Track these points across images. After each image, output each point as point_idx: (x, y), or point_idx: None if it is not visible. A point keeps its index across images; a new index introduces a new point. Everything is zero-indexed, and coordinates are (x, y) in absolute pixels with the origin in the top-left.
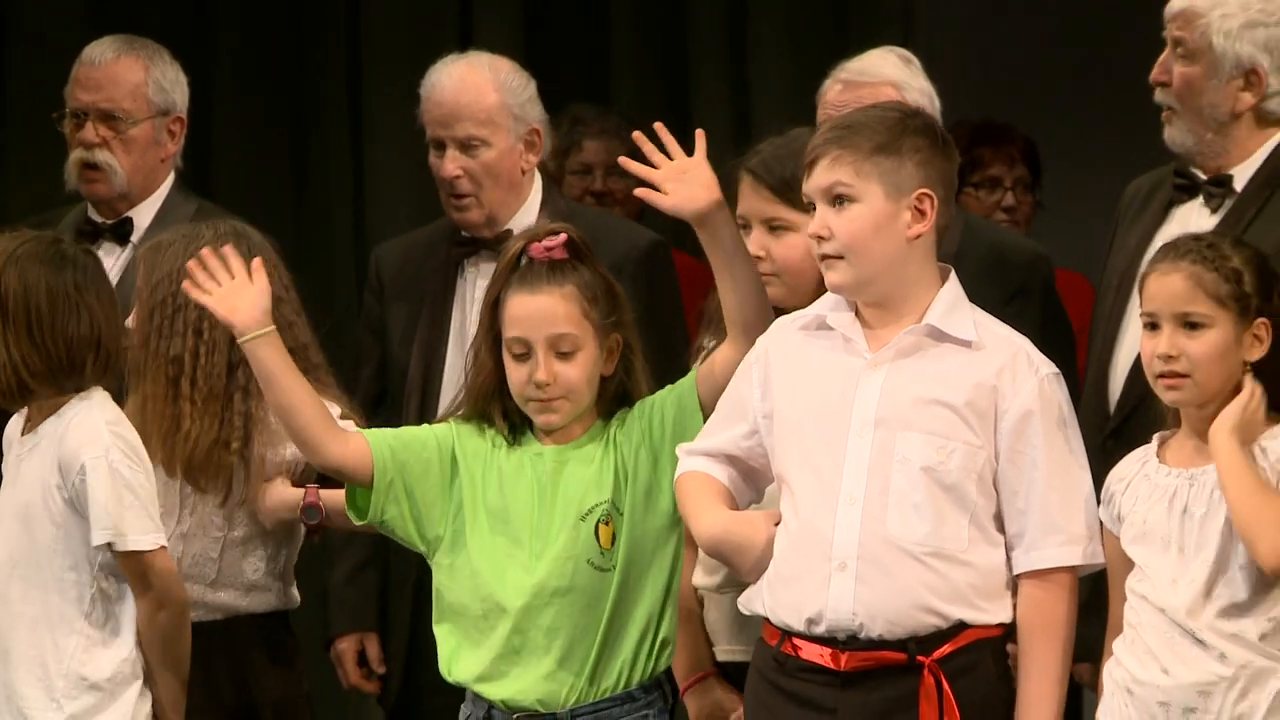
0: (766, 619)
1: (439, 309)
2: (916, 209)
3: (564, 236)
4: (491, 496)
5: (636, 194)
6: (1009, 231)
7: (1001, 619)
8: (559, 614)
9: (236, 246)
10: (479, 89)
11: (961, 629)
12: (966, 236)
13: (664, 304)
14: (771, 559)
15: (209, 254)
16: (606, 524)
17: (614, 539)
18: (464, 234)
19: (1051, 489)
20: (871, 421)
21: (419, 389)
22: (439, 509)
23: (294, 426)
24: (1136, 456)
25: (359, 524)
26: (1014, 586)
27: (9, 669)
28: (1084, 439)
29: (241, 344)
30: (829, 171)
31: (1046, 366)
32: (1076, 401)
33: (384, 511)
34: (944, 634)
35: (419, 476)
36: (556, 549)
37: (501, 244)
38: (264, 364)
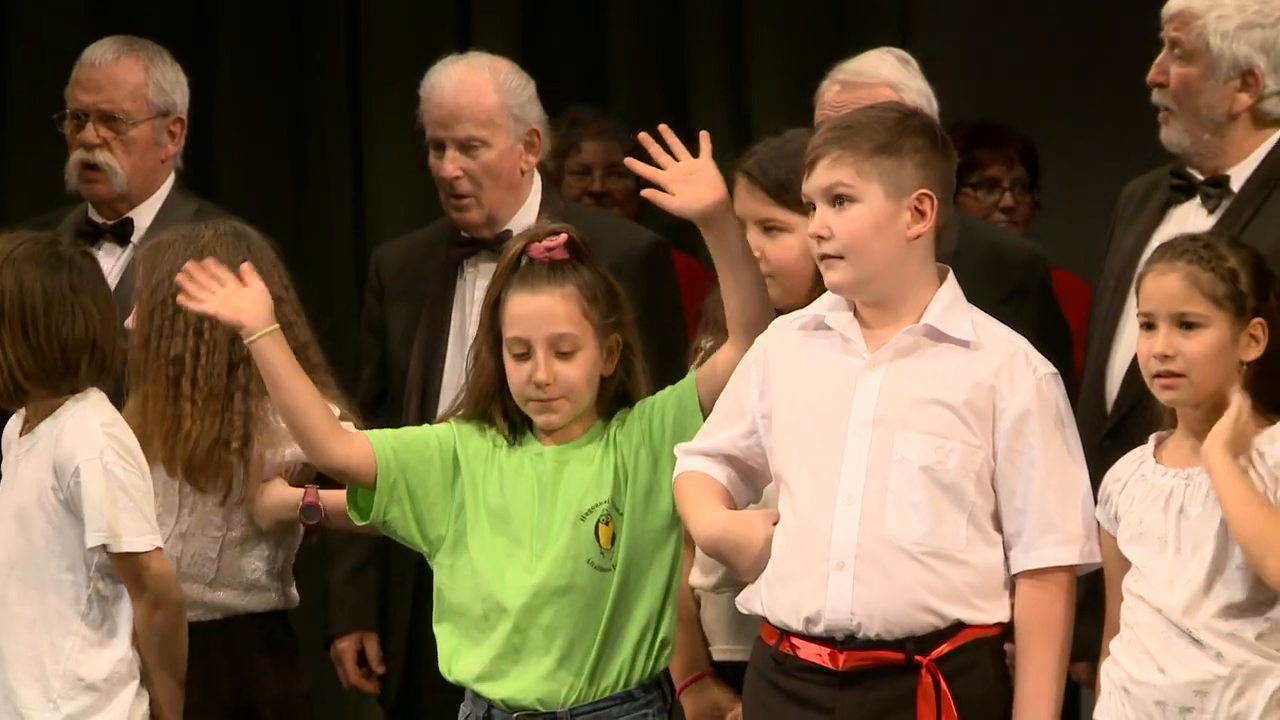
0: (765, 618)
1: (439, 309)
2: (916, 209)
3: (564, 237)
4: (492, 496)
5: (643, 195)
6: (1006, 232)
7: (999, 618)
8: (559, 613)
9: (236, 246)
10: (479, 90)
11: (959, 628)
12: (964, 237)
13: (664, 304)
14: (770, 558)
15: (194, 267)
16: (606, 524)
17: (614, 539)
18: (464, 234)
19: (1049, 488)
20: (870, 421)
21: (419, 389)
22: (441, 509)
23: (299, 426)
24: (1133, 457)
25: (360, 524)
26: (1012, 586)
27: (6, 669)
28: (1081, 439)
29: (249, 343)
30: (829, 171)
31: (1044, 366)
32: (1074, 401)
33: (386, 512)
34: (942, 633)
35: (421, 477)
36: (557, 549)
37: (501, 244)
38: (271, 363)
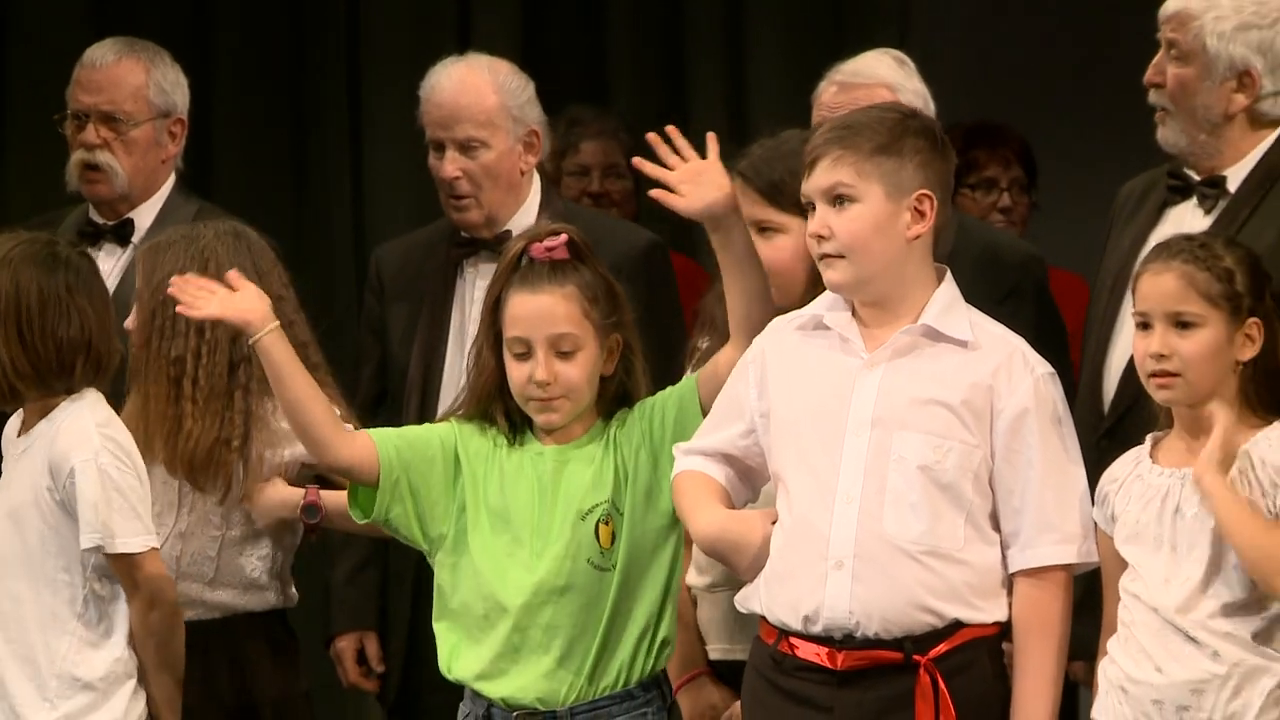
0: (763, 617)
1: (439, 309)
2: (916, 209)
3: (565, 237)
4: (493, 496)
5: (651, 195)
6: (1003, 232)
7: (997, 618)
8: (559, 613)
9: (236, 246)
10: (478, 91)
11: (957, 628)
12: (960, 237)
13: (662, 305)
14: (768, 557)
15: (181, 280)
16: (606, 524)
17: (614, 539)
18: (463, 235)
19: (1047, 488)
20: (868, 421)
21: (419, 389)
22: (442, 507)
23: (303, 423)
24: (1130, 457)
25: (361, 523)
26: (1009, 585)
27: (2, 669)
28: (1078, 439)
29: (253, 341)
30: (830, 172)
31: (1042, 366)
32: (1071, 401)
33: (388, 510)
34: (940, 633)
35: (424, 475)
36: (557, 548)
37: (501, 245)
38: (276, 360)
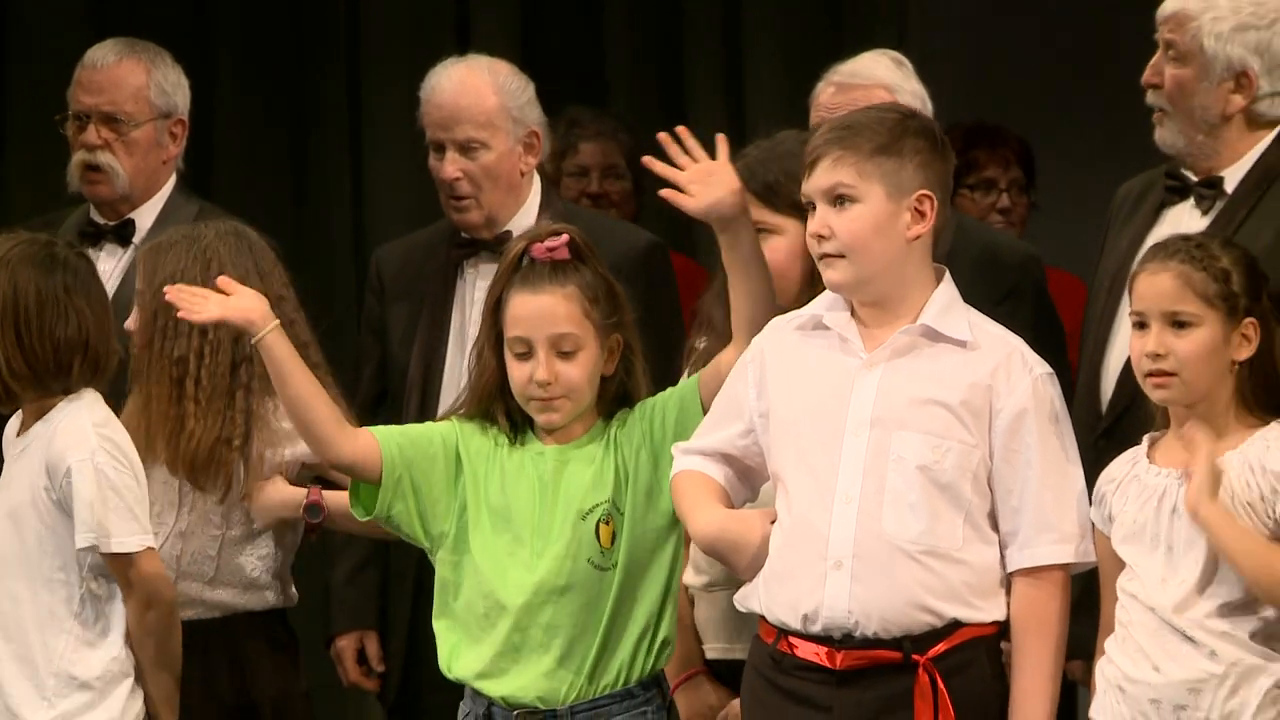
0: (762, 617)
1: (439, 310)
2: (916, 210)
3: (566, 237)
4: (493, 495)
5: (661, 195)
6: (1001, 232)
7: (996, 617)
8: (559, 612)
9: (237, 246)
10: (478, 92)
11: (956, 627)
12: (959, 237)
13: (662, 305)
14: (767, 557)
15: (175, 289)
16: (607, 523)
17: (614, 538)
18: (464, 235)
19: (1045, 487)
20: (867, 421)
21: (419, 389)
22: (444, 505)
23: (306, 420)
24: (1127, 458)
25: (362, 520)
26: (1008, 585)
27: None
28: (1076, 438)
29: (257, 340)
30: (831, 172)
31: (1040, 366)
32: (1069, 401)
33: (390, 508)
34: (939, 632)
35: (426, 473)
36: (557, 548)
37: (501, 245)
38: (278, 358)
